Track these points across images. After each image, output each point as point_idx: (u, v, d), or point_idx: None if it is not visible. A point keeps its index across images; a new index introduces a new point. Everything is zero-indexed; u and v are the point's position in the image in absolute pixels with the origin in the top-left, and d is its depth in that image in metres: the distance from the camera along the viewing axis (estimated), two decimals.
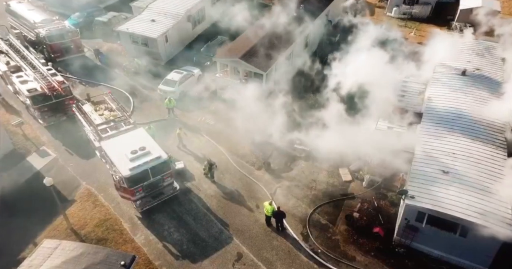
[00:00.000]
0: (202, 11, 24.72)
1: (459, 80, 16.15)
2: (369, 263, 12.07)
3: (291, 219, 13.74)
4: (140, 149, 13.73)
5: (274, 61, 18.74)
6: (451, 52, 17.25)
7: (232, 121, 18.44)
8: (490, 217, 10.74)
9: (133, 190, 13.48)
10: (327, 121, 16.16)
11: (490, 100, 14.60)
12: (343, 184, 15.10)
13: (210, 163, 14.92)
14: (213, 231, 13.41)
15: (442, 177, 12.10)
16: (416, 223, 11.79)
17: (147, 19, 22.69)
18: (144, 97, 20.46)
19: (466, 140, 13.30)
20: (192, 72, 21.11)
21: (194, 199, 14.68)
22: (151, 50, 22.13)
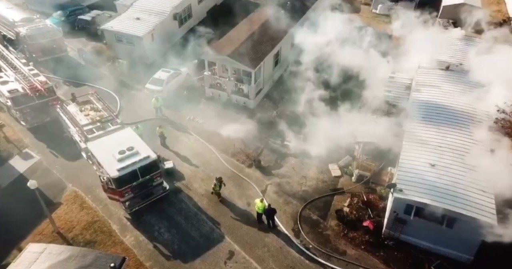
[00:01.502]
0: (188, 9, 24.45)
1: (443, 75, 16.52)
2: (360, 257, 12.24)
3: (282, 216, 13.78)
4: (128, 149, 13.52)
5: (263, 59, 18.72)
6: (435, 48, 17.61)
7: (222, 119, 18.41)
8: (475, 208, 11.04)
9: (122, 191, 13.25)
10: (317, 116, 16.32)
11: (473, 94, 14.97)
12: (333, 180, 15.25)
13: (220, 181, 14.10)
14: (204, 230, 13.32)
15: (429, 170, 12.35)
16: (404, 216, 12.01)
17: (132, 17, 22.31)
18: (131, 97, 20.12)
19: (452, 133, 13.62)
20: (180, 71, 20.88)
21: (185, 199, 14.55)
22: (137, 49, 21.76)
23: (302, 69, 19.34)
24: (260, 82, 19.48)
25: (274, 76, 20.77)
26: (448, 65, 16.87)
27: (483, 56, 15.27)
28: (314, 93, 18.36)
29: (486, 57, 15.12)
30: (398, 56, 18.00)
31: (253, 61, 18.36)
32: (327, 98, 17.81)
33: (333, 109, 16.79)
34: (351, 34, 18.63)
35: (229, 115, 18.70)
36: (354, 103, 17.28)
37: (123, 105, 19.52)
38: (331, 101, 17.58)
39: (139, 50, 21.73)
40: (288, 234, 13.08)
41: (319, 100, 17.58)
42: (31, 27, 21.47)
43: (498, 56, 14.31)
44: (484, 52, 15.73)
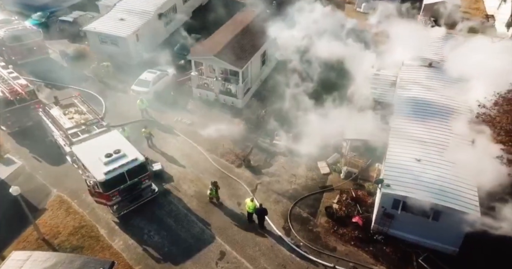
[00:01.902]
0: (173, 9, 24.22)
1: (426, 71, 16.90)
2: (350, 252, 12.39)
3: (273, 214, 13.82)
4: (115, 152, 13.29)
5: (250, 58, 18.72)
6: (418, 45, 17.99)
7: (210, 119, 18.31)
8: (459, 201, 11.33)
9: (109, 194, 13.01)
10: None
11: (455, 89, 15.37)
12: (322, 177, 15.38)
13: (215, 185, 13.89)
14: (194, 232, 13.21)
15: (415, 165, 12.60)
16: (392, 211, 12.22)
17: (116, 18, 21.94)
18: (116, 99, 19.77)
19: (436, 128, 13.93)
20: (166, 72, 20.66)
21: (174, 201, 14.39)
22: (121, 50, 21.41)
23: (289, 68, 19.49)
24: (248, 81, 19.48)
25: (261, 75, 20.80)
26: (430, 62, 17.27)
27: (463, 53, 15.69)
28: (301, 92, 18.51)
29: (465, 53, 15.53)
30: (382, 53, 18.30)
31: (240, 61, 18.35)
32: (314, 97, 17.95)
33: (320, 107, 16.93)
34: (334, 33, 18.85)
35: (217, 115, 18.62)
36: (341, 101, 17.48)
37: (109, 107, 19.17)
38: (318, 100, 17.72)
39: (124, 51, 21.39)
40: (278, 232, 13.12)
41: (307, 98, 17.72)
42: (10, 29, 20.85)
43: (476, 53, 14.72)
44: (464, 49, 16.17)
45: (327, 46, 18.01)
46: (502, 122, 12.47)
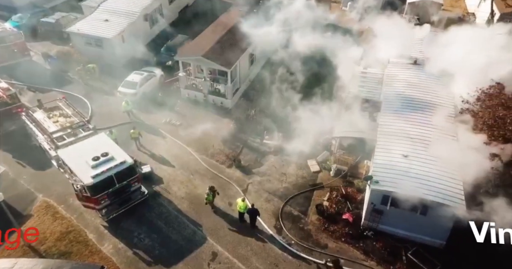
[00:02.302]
0: (159, 9, 23.96)
1: (411, 69, 17.22)
2: (341, 249, 12.52)
3: (264, 213, 13.83)
4: (102, 155, 13.07)
5: (238, 58, 18.69)
6: (403, 42, 18.34)
7: (199, 120, 18.21)
8: (445, 195, 11.59)
9: (97, 198, 12.78)
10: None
11: (440, 86, 15.72)
12: (312, 175, 15.49)
13: (213, 190, 13.62)
14: (186, 233, 13.11)
15: (402, 161, 12.83)
16: (381, 207, 12.41)
17: (100, 19, 21.53)
18: (103, 101, 19.41)
19: (422, 124, 14.20)
20: (154, 73, 20.43)
21: (164, 203, 14.24)
22: (107, 51, 21.04)
23: (277, 67, 19.55)
24: (237, 81, 19.45)
25: (250, 75, 20.80)
26: (415, 59, 17.62)
27: (446, 50, 16.05)
28: (290, 91, 18.61)
29: (449, 50, 15.90)
30: (368, 51, 18.57)
31: (228, 61, 18.30)
32: (303, 95, 18.06)
33: (309, 106, 17.05)
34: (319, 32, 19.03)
35: (206, 115, 18.52)
36: (329, 99, 17.65)
37: (95, 110, 18.81)
38: (307, 98, 17.84)
39: (110, 52, 21.03)
40: (270, 231, 13.14)
41: (295, 97, 17.82)
42: None
43: (459, 49, 15.09)
44: (447, 46, 16.55)
45: (313, 46, 18.16)
46: (484, 117, 12.84)
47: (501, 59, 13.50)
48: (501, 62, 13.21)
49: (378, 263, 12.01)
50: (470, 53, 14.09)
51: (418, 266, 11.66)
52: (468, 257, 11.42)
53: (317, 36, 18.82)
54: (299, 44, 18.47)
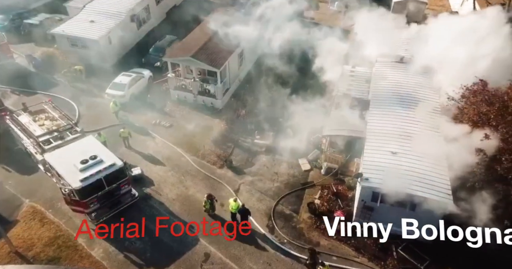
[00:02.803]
0: (146, 10, 23.71)
1: (398, 67, 17.49)
2: (333, 246, 12.63)
3: (256, 213, 13.85)
4: (91, 158, 12.89)
5: (227, 58, 18.66)
6: (390, 41, 18.63)
7: (189, 121, 18.10)
8: (433, 190, 11.81)
9: (87, 202, 12.59)
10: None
11: (426, 83, 16.01)
12: (303, 174, 15.58)
13: (210, 198, 13.40)
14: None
15: (391, 158, 13.01)
16: (371, 203, 12.56)
17: (86, 20, 21.18)
18: (91, 104, 19.12)
19: (410, 121, 14.41)
20: (142, 74, 20.23)
21: (155, 205, 14.11)
22: (93, 53, 20.70)
23: (266, 67, 19.60)
24: (227, 81, 19.41)
25: (240, 75, 20.79)
26: (402, 57, 17.90)
27: (432, 48, 16.36)
28: (279, 90, 18.70)
29: (434, 48, 16.22)
30: (356, 50, 18.79)
31: (218, 61, 18.25)
32: (293, 95, 18.17)
33: (299, 105, 17.16)
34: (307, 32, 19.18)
35: (196, 116, 18.43)
36: (319, 98, 17.79)
37: (83, 112, 18.51)
38: (296, 97, 17.94)
39: (96, 54, 20.69)
40: (262, 231, 13.16)
41: (285, 97, 17.91)
42: None
43: (445, 47, 15.39)
44: (433, 44, 16.86)
45: (298, 45, 18.29)
46: (469, 113, 13.14)
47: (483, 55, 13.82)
48: (482, 58, 13.53)
49: (370, 259, 12.16)
50: (452, 49, 14.38)
51: (408, 261, 11.86)
52: (456, 251, 11.63)
53: (302, 35, 18.95)
54: (284, 43, 18.56)
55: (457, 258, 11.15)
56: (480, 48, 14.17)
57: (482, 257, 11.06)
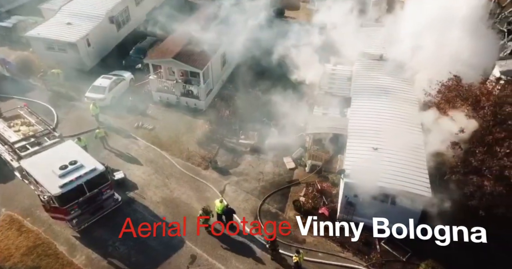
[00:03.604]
0: (126, 12, 23.33)
1: (377, 64, 17.88)
2: (318, 243, 12.77)
3: (243, 213, 13.85)
4: (70, 163, 12.56)
5: (210, 59, 18.59)
6: (370, 39, 19.02)
7: (173, 123, 17.92)
8: (413, 184, 12.11)
9: (67, 208, 12.25)
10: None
11: (404, 80, 16.42)
12: (288, 172, 15.68)
13: (206, 212, 12.62)
14: (163, 238, 12.83)
15: (373, 154, 13.27)
16: (354, 199, 12.79)
17: (62, 22, 20.60)
18: (70, 108, 18.66)
19: (390, 117, 14.74)
20: (123, 76, 19.88)
21: (139, 208, 13.88)
22: (71, 56, 20.21)
23: (249, 67, 19.65)
24: (210, 82, 19.33)
25: (223, 75, 20.75)
26: (381, 55, 18.31)
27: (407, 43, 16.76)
28: (262, 90, 18.76)
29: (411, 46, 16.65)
30: (337, 49, 19.09)
31: (200, 62, 18.15)
32: (276, 94, 18.23)
33: (282, 104, 17.28)
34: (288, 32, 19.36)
35: (180, 118, 18.26)
36: (301, 96, 17.97)
37: (62, 117, 18.03)
38: (280, 97, 18.03)
39: (75, 57, 20.22)
40: (248, 230, 13.16)
41: (269, 96, 17.98)
42: None
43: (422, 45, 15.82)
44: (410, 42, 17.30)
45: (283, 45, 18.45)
46: (445, 108, 13.59)
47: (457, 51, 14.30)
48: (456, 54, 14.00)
49: (354, 253, 12.35)
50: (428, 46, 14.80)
51: (391, 254, 12.13)
52: (436, 242, 11.95)
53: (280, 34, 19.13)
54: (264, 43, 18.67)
55: (439, 249, 11.45)
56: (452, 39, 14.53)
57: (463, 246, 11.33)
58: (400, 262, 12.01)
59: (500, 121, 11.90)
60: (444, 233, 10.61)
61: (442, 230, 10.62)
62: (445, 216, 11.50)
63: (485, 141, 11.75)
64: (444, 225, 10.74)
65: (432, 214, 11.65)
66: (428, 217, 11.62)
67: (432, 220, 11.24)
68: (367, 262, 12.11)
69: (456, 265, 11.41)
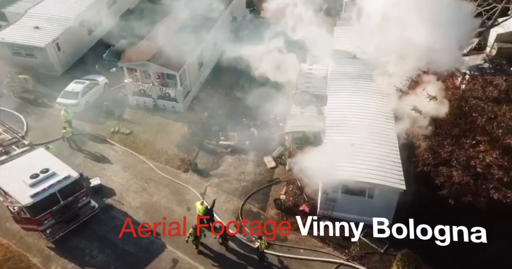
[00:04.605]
0: (97, 15, 22.74)
1: (352, 63, 18.34)
2: (300, 240, 12.88)
3: (224, 214, 13.79)
4: (42, 171, 12.12)
5: (186, 61, 18.44)
6: (344, 39, 19.48)
7: (150, 126, 17.62)
8: (388, 177, 12.47)
9: (39, 218, 11.77)
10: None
11: (377, 77, 16.92)
12: (269, 171, 15.76)
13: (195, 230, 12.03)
14: (143, 243, 12.58)
15: (350, 149, 13.57)
16: (333, 194, 13.03)
17: (29, 26, 19.84)
18: (40, 115, 17.97)
19: (365, 113, 15.13)
20: (97, 81, 19.37)
21: (118, 215, 13.54)
22: (41, 61, 19.48)
23: (226, 68, 19.64)
24: (187, 84, 19.16)
25: (201, 77, 20.62)
26: (354, 54, 18.81)
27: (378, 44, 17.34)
28: (240, 91, 18.80)
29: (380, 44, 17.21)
30: (312, 50, 19.44)
31: (176, 64, 17.96)
32: (254, 94, 18.35)
33: (261, 104, 17.39)
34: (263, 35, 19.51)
35: (158, 121, 17.99)
36: (279, 96, 18.15)
37: (32, 124, 17.34)
38: (258, 97, 18.14)
39: (44, 62, 19.50)
40: (231, 231, 13.11)
41: (247, 97, 18.06)
42: None
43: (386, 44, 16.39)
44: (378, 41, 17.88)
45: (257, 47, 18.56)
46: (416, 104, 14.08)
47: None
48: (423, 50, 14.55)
49: (335, 248, 12.56)
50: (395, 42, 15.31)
51: (369, 246, 12.44)
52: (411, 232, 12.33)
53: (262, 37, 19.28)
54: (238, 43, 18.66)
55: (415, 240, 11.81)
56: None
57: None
58: (378, 253, 12.33)
59: (465, 113, 12.48)
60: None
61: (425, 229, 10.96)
62: (420, 209, 11.91)
63: (452, 134, 12.28)
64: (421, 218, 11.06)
65: (407, 207, 12.05)
66: (405, 210, 11.99)
67: (410, 214, 11.59)
68: (347, 256, 12.35)
69: (430, 252, 11.78)
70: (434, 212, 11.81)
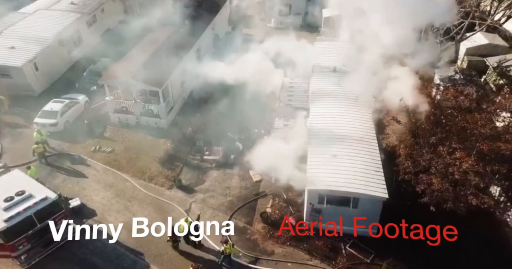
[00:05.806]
0: (77, 34, 22.68)
1: (332, 76, 18.87)
2: (287, 253, 12.72)
3: (210, 230, 13.49)
4: (17, 194, 11.65)
5: (168, 77, 18.50)
6: (324, 53, 20.15)
7: (133, 144, 17.35)
8: (371, 187, 12.63)
9: (14, 244, 11.19)
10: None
11: (356, 88, 17.45)
12: (255, 185, 15.67)
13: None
14: (126, 265, 12.10)
15: (332, 160, 13.75)
16: (319, 205, 13.02)
17: (4, 46, 19.50)
18: (16, 136, 17.42)
19: (346, 124, 15.47)
20: (77, 99, 19.07)
21: (99, 236, 12.98)
22: (17, 81, 19.05)
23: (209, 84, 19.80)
24: (170, 100, 19.14)
25: (184, 92, 20.66)
26: (334, 67, 19.43)
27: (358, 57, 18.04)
28: (223, 106, 18.92)
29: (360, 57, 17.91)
30: (293, 64, 19.98)
31: (158, 80, 17.99)
32: (237, 108, 18.51)
33: (245, 117, 17.51)
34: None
35: (140, 138, 17.75)
36: (262, 110, 18.37)
37: (7, 146, 16.75)
38: (242, 111, 18.28)
39: (21, 82, 19.08)
40: (217, 247, 12.83)
41: (230, 111, 18.17)
42: None
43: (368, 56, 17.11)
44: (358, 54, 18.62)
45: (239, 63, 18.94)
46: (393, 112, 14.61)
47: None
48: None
49: (322, 260, 12.44)
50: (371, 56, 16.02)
51: (356, 257, 12.42)
52: (396, 240, 12.43)
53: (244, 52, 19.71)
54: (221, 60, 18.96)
55: (400, 249, 11.91)
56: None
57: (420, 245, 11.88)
58: (365, 263, 12.31)
59: (440, 122, 12.97)
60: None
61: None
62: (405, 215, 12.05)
63: (430, 142, 12.69)
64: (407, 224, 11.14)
65: (391, 214, 12.18)
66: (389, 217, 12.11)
67: (393, 220, 11.70)
68: (335, 267, 12.27)
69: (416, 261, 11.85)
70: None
